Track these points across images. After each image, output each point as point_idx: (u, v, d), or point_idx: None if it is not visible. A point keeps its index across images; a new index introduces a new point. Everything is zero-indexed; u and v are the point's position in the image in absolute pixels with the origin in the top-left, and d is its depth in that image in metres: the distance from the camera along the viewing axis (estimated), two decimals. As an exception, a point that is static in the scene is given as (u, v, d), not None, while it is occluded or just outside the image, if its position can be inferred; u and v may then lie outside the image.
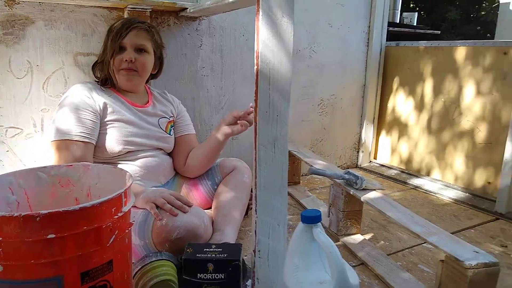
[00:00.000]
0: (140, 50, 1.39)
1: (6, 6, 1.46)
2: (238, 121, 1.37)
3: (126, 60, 1.35)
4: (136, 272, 1.00)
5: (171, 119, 1.52)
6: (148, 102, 1.47)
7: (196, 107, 1.93)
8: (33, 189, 0.95)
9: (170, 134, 1.49)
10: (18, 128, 1.54)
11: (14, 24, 1.49)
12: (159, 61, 1.51)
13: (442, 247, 1.04)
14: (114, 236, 0.79)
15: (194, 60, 1.88)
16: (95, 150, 1.32)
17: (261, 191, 0.98)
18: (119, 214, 0.80)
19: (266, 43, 0.91)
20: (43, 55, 1.55)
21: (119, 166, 1.32)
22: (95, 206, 0.75)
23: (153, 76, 1.55)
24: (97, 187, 1.00)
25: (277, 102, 0.96)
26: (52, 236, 0.70)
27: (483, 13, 7.14)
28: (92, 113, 1.29)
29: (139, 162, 1.37)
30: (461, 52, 2.05)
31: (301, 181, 2.12)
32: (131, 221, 0.87)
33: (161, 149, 1.47)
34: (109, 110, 1.34)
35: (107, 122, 1.33)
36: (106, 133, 1.32)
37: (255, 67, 0.93)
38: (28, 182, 0.94)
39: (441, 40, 2.33)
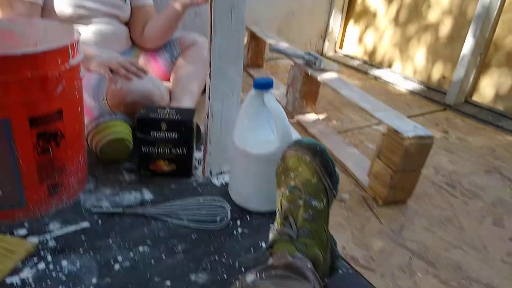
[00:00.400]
0: None
1: None
2: None
3: None
4: (90, 131, 1.01)
5: None
6: None
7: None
8: (-27, 40, 0.90)
9: (125, 3, 1.40)
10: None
11: None
12: None
13: (386, 121, 1.11)
14: (61, 86, 0.78)
15: None
16: (43, 13, 1.23)
17: (215, 58, 0.98)
18: (66, 66, 0.78)
19: None
20: None
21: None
22: (38, 53, 0.72)
23: None
24: (42, 42, 0.96)
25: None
26: (-4, 79, 0.68)
27: None
28: None
29: (92, 28, 1.30)
30: None
31: (264, 65, 2.11)
32: (80, 76, 0.86)
33: (116, 17, 1.39)
34: None
35: None
36: None
37: None
38: (-33, 31, 0.89)
39: None
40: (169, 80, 1.49)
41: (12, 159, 0.75)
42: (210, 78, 0.99)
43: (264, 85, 0.95)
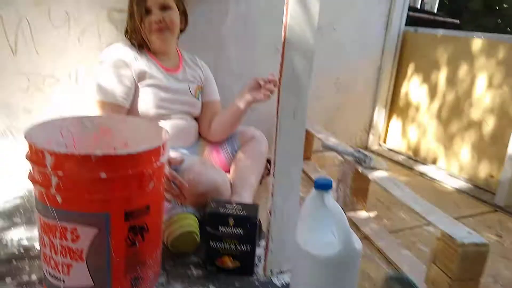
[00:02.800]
0: (164, 8, 1.44)
1: (50, -43, 1.52)
2: (261, 89, 1.44)
3: (156, 22, 1.42)
4: (164, 221, 1.10)
5: (200, 84, 1.60)
6: (179, 66, 1.55)
7: (218, 75, 1.98)
8: (78, 135, 1.04)
9: (198, 99, 1.58)
10: (54, 78, 1.63)
11: (56, -24, 1.55)
12: (184, 15, 1.56)
13: (439, 225, 1.14)
14: (152, 183, 0.89)
15: (218, 27, 1.93)
16: (130, 112, 1.41)
17: (279, 158, 1.07)
18: (158, 164, 0.90)
19: (294, 16, 0.96)
20: (80, 8, 1.61)
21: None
22: (140, 153, 0.84)
23: (181, 31, 1.59)
24: (134, 138, 1.09)
25: (300, 74, 1.03)
26: (104, 176, 0.80)
27: (505, 5, 6.99)
28: (129, 78, 1.38)
29: (169, 123, 1.47)
30: (476, 44, 2.09)
31: (312, 158, 2.20)
32: (166, 173, 0.97)
33: (190, 113, 1.56)
34: (146, 75, 1.42)
35: (142, 87, 1.41)
36: (142, 97, 1.41)
37: (282, 39, 0.98)
38: (76, 127, 1.03)
39: (459, 30, 2.35)
40: (229, 171, 1.60)
41: (106, 250, 0.84)
42: (273, 176, 1.08)
43: (324, 186, 1.03)
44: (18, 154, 0.99)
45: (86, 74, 1.69)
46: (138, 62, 1.42)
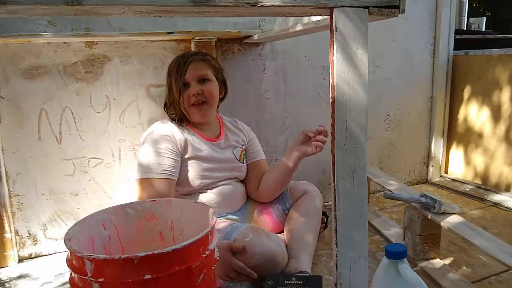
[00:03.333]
0: (203, 80, 1.42)
1: (86, 47, 1.58)
2: (312, 142, 1.36)
3: (194, 95, 1.39)
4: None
5: (243, 147, 1.55)
6: (220, 133, 1.52)
7: (261, 130, 1.95)
8: (122, 224, 1.00)
9: (243, 163, 1.53)
10: (99, 158, 1.65)
11: (94, 63, 1.60)
12: (223, 84, 1.53)
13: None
14: (202, 275, 0.81)
15: (258, 84, 1.91)
16: (180, 185, 1.37)
17: (341, 224, 0.97)
18: (207, 253, 0.83)
19: (341, 76, 0.90)
20: (119, 89, 1.65)
21: (197, 195, 1.38)
22: (185, 247, 0.78)
23: (221, 100, 1.57)
24: (180, 220, 1.04)
25: (355, 134, 0.94)
26: (149, 277, 0.73)
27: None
28: (174, 152, 1.35)
29: (215, 190, 1.42)
30: (540, 58, 1.91)
31: (369, 200, 2.06)
32: (216, 257, 0.89)
33: (235, 178, 1.51)
34: (189, 147, 1.39)
35: (186, 159, 1.38)
36: (186, 169, 1.38)
37: (331, 99, 0.92)
38: (118, 217, 1.00)
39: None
40: (282, 231, 1.50)
41: None
42: (336, 245, 0.97)
43: (398, 255, 0.90)
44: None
45: (128, 150, 1.69)
46: (180, 135, 1.39)
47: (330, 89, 0.91)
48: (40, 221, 1.61)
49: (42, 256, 1.63)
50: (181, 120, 1.45)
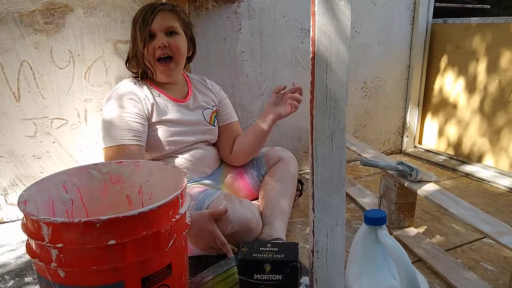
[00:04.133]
0: (170, 33, 1.31)
1: (45, -6, 1.43)
2: (287, 101, 1.30)
3: (160, 47, 1.28)
4: (207, 281, 0.96)
5: (214, 108, 1.47)
6: (188, 93, 1.42)
7: (236, 94, 1.87)
8: (86, 187, 0.93)
9: (214, 125, 1.45)
10: (63, 119, 1.54)
11: (54, 13, 1.46)
12: (192, 42, 1.42)
13: (517, 248, 0.96)
14: (172, 240, 0.75)
15: (233, 44, 1.82)
16: (147, 150, 1.29)
17: (318, 189, 0.92)
18: (177, 217, 0.77)
19: (323, 29, 0.83)
20: (83, 44, 1.52)
21: (166, 160, 1.30)
22: (153, 210, 0.71)
23: (188, 59, 1.46)
24: (148, 184, 0.97)
25: (335, 93, 0.89)
26: (113, 242, 0.67)
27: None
28: (141, 116, 1.25)
29: (186, 155, 1.34)
30: (519, 29, 1.90)
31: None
32: (187, 222, 0.84)
33: (206, 141, 1.43)
34: (155, 111, 1.29)
35: (154, 123, 1.29)
36: (153, 134, 1.29)
37: (311, 55, 0.85)
38: (81, 179, 0.92)
39: (490, 16, 2.16)
40: (256, 197, 1.46)
41: (125, 327, 0.71)
42: (313, 210, 0.93)
43: (377, 221, 0.87)
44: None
45: (95, 111, 1.58)
46: (145, 99, 1.29)
47: (311, 43, 0.84)
48: (0, 185, 1.50)
49: (3, 223, 1.53)
50: (144, 76, 1.34)
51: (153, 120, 1.29)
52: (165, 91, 1.35)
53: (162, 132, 1.29)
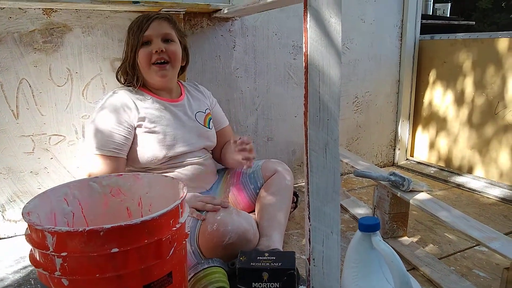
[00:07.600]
0: (166, 40, 1.34)
1: (44, 14, 1.47)
2: (242, 156, 1.32)
3: (157, 51, 1.30)
4: (190, 279, 0.99)
5: (207, 111, 1.50)
6: (181, 94, 1.46)
7: (231, 109, 1.91)
8: (86, 199, 0.95)
9: (210, 128, 1.48)
10: (60, 135, 1.56)
11: (53, 32, 1.50)
12: (185, 52, 1.46)
13: (507, 253, 0.99)
14: (173, 249, 0.77)
15: (228, 61, 1.87)
16: (142, 160, 1.31)
17: (313, 198, 0.95)
18: (177, 226, 0.79)
19: (315, 44, 0.88)
20: (82, 62, 1.56)
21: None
22: (154, 219, 0.74)
23: (182, 69, 1.50)
24: (148, 196, 0.99)
25: (328, 105, 0.93)
26: (116, 250, 0.69)
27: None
28: (126, 128, 1.28)
29: (183, 170, 1.36)
30: (503, 43, 1.96)
31: (338, 181, 2.07)
32: (186, 232, 0.86)
33: (206, 148, 1.45)
34: (147, 119, 1.31)
35: (146, 131, 1.31)
36: (144, 142, 1.31)
37: (304, 69, 0.89)
38: (82, 192, 0.94)
39: (475, 31, 2.24)
40: (254, 211, 1.48)
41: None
42: (309, 219, 0.96)
43: (371, 227, 0.90)
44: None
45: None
46: (135, 108, 1.31)
47: (304, 58, 0.88)
48: (-3, 201, 1.51)
49: (1, 239, 1.53)
50: (136, 83, 1.36)
51: (146, 127, 1.31)
52: (157, 95, 1.39)
53: (155, 138, 1.31)
